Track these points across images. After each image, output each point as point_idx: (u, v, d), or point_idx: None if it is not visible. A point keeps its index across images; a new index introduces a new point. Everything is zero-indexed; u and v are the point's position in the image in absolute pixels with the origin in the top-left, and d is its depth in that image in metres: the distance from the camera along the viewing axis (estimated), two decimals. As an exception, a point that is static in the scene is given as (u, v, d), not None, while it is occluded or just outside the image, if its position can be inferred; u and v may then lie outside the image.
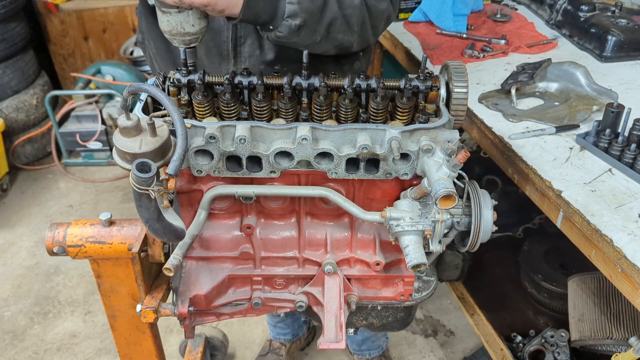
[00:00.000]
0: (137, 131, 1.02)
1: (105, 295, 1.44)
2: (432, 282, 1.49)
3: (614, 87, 1.73)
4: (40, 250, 3.21)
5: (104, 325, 2.72)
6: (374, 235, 1.34)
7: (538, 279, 2.09)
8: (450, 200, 1.05)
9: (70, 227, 1.34)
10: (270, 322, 2.47)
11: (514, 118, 1.63)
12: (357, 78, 1.18)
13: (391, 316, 1.52)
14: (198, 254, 1.35)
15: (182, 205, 1.29)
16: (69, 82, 4.34)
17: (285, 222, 1.35)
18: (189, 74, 1.19)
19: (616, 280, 1.20)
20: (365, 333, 2.33)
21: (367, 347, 2.41)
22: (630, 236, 1.19)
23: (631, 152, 1.38)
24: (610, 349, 1.70)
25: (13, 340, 2.67)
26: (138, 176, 0.93)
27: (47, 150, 4.01)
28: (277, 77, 1.19)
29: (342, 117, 1.18)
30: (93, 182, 3.81)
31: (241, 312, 1.43)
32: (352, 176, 1.18)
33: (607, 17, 2.02)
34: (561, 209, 1.33)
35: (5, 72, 3.65)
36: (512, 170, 1.52)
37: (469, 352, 2.55)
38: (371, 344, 2.41)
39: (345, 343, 1.88)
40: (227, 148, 1.12)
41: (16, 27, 3.67)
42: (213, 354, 2.40)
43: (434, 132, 1.13)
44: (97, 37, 4.29)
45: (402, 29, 2.32)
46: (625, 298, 1.22)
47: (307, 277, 1.38)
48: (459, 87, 1.16)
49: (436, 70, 1.82)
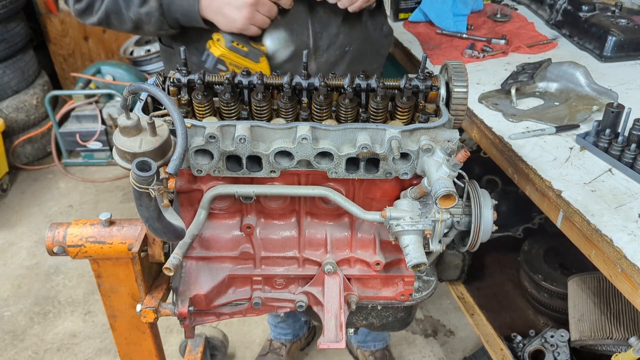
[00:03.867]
0: (137, 131, 1.02)
1: (105, 295, 1.43)
2: (432, 282, 1.49)
3: (614, 87, 1.73)
4: (40, 250, 3.21)
5: (104, 325, 2.72)
6: (374, 235, 1.34)
7: (538, 279, 2.08)
8: (450, 200, 1.05)
9: (70, 227, 1.34)
10: (272, 322, 2.47)
11: (514, 118, 1.63)
12: (357, 78, 1.18)
13: (391, 316, 1.52)
14: (198, 254, 1.35)
15: (182, 205, 1.29)
16: (69, 82, 4.35)
17: (285, 222, 1.35)
18: (189, 73, 1.19)
19: (616, 280, 1.20)
20: None
21: (372, 338, 2.43)
22: (630, 236, 1.19)
23: (631, 152, 1.38)
24: (610, 349, 1.70)
25: (13, 340, 2.67)
26: (138, 175, 0.93)
27: (47, 150, 4.01)
28: (277, 76, 1.19)
29: (342, 117, 1.18)
30: (93, 182, 3.81)
31: (241, 312, 1.43)
32: (352, 176, 1.18)
33: (607, 17, 2.02)
34: (561, 209, 1.33)
35: (5, 72, 3.65)
36: (512, 170, 1.52)
37: (469, 352, 2.55)
38: (376, 336, 2.42)
39: (345, 343, 1.88)
40: (227, 148, 1.12)
41: (16, 27, 3.67)
42: (213, 354, 2.40)
43: (433, 132, 1.13)
44: (97, 37, 4.29)
45: (402, 29, 2.33)
46: (625, 298, 1.22)
47: (307, 277, 1.38)
48: (459, 87, 1.16)
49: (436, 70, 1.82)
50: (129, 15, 1.47)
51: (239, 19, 1.38)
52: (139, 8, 1.44)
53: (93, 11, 1.52)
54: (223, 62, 1.38)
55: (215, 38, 1.42)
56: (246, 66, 1.41)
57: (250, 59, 1.42)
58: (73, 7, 1.54)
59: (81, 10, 1.53)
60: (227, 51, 1.38)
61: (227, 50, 1.38)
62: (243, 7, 1.37)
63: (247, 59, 1.41)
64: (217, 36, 1.41)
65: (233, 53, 1.39)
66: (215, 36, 1.42)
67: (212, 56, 1.39)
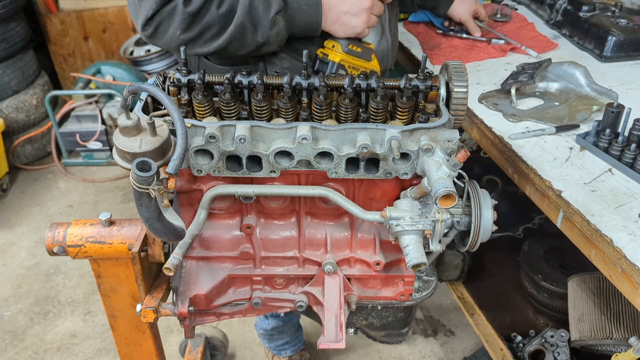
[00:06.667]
0: (137, 131, 1.02)
1: (105, 295, 1.44)
2: (432, 282, 1.49)
3: (614, 87, 1.72)
4: (40, 250, 3.21)
5: (104, 325, 2.72)
6: (374, 235, 1.34)
7: (538, 279, 2.08)
8: (450, 200, 1.05)
9: (70, 227, 1.34)
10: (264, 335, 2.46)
11: (514, 118, 1.63)
12: (357, 78, 1.18)
13: (391, 316, 1.52)
14: (198, 254, 1.35)
15: (182, 205, 1.29)
16: (69, 82, 4.35)
17: (285, 222, 1.35)
18: (189, 73, 1.19)
19: (616, 280, 1.20)
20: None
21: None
22: (630, 236, 1.19)
23: (631, 152, 1.38)
24: (610, 349, 1.70)
25: (13, 340, 2.67)
26: (138, 175, 0.93)
27: (47, 150, 4.01)
28: (277, 76, 1.19)
29: (342, 117, 1.18)
30: (93, 182, 3.81)
31: (241, 312, 1.43)
32: (352, 176, 1.18)
33: (607, 17, 2.02)
34: (561, 209, 1.33)
35: (5, 72, 3.65)
36: (512, 170, 1.52)
37: (469, 352, 2.55)
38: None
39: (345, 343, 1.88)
40: (227, 148, 1.12)
41: (16, 27, 3.67)
42: (213, 354, 2.40)
43: (433, 132, 1.13)
44: (97, 37, 4.29)
45: (402, 29, 2.32)
46: (625, 298, 1.22)
47: (307, 277, 1.38)
48: (459, 87, 1.16)
49: (436, 70, 1.82)
50: (255, 39, 1.35)
51: (359, 24, 1.39)
52: (270, 30, 1.35)
53: (203, 39, 1.34)
54: (343, 66, 1.40)
55: (330, 45, 1.42)
56: (362, 66, 1.44)
57: (364, 58, 1.45)
58: (179, 36, 1.31)
59: (189, 39, 1.32)
60: (346, 55, 1.41)
61: (345, 54, 1.40)
62: (362, 12, 1.38)
63: (362, 59, 1.44)
64: (330, 43, 1.42)
65: (350, 56, 1.42)
66: (329, 43, 1.43)
67: (332, 63, 1.40)
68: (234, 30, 1.33)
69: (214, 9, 1.31)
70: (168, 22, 1.31)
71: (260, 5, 1.32)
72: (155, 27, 1.31)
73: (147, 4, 1.28)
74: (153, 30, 1.32)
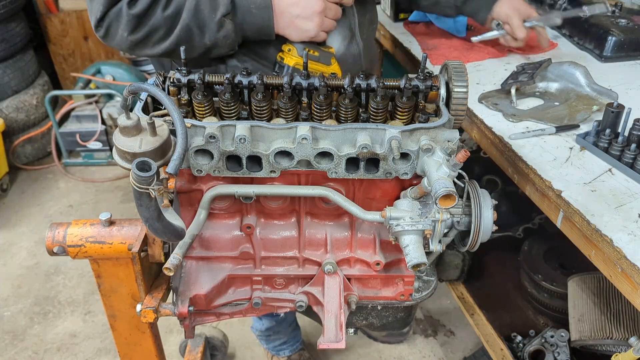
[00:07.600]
0: (137, 130, 1.02)
1: (105, 295, 1.44)
2: (432, 282, 1.49)
3: (614, 87, 1.73)
4: (40, 250, 3.21)
5: (104, 325, 2.72)
6: (374, 235, 1.34)
7: (538, 279, 2.08)
8: (450, 200, 1.05)
9: (70, 227, 1.34)
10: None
11: (514, 118, 1.63)
12: (357, 78, 1.18)
13: (391, 316, 1.52)
14: (198, 254, 1.35)
15: (182, 205, 1.29)
16: (69, 82, 4.34)
17: (285, 222, 1.35)
18: (189, 73, 1.19)
19: (616, 280, 1.20)
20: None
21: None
22: (630, 236, 1.19)
23: (631, 152, 1.38)
24: (610, 349, 1.70)
25: (13, 340, 2.67)
26: (138, 175, 0.93)
27: (47, 150, 4.01)
28: (277, 76, 1.19)
29: (342, 117, 1.18)
30: (93, 182, 3.81)
31: (241, 312, 1.43)
32: (352, 176, 1.18)
33: (607, 17, 2.03)
34: (561, 209, 1.33)
35: (5, 72, 3.65)
36: (512, 170, 1.52)
37: (469, 352, 2.55)
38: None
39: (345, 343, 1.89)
40: (227, 148, 1.12)
41: (16, 27, 3.67)
42: (213, 354, 2.41)
43: (433, 132, 1.13)
44: (97, 37, 4.28)
45: (402, 29, 2.33)
46: (625, 298, 1.22)
47: (307, 277, 1.38)
48: (459, 87, 1.16)
49: (436, 70, 1.82)
50: (203, 42, 1.37)
51: (311, 28, 1.39)
52: (217, 33, 1.36)
53: (151, 42, 1.38)
54: (298, 70, 1.39)
55: (286, 49, 1.42)
56: (320, 70, 1.42)
57: (322, 62, 1.44)
58: (127, 38, 1.36)
59: (137, 41, 1.37)
60: (301, 59, 1.39)
61: (300, 58, 1.40)
62: (314, 16, 1.38)
63: (320, 63, 1.43)
64: (287, 47, 1.42)
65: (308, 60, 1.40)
66: (285, 47, 1.42)
67: (287, 66, 1.40)
68: (180, 33, 1.35)
69: (160, 12, 1.33)
70: (116, 24, 1.35)
71: (206, 9, 1.33)
72: (106, 28, 1.37)
73: (96, 6, 1.34)
74: (104, 31, 1.38)
